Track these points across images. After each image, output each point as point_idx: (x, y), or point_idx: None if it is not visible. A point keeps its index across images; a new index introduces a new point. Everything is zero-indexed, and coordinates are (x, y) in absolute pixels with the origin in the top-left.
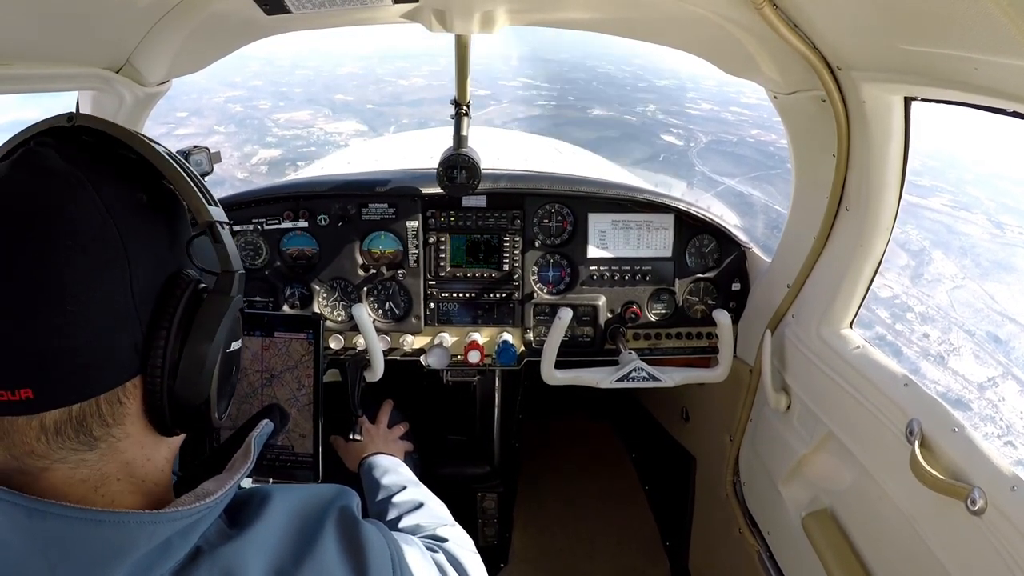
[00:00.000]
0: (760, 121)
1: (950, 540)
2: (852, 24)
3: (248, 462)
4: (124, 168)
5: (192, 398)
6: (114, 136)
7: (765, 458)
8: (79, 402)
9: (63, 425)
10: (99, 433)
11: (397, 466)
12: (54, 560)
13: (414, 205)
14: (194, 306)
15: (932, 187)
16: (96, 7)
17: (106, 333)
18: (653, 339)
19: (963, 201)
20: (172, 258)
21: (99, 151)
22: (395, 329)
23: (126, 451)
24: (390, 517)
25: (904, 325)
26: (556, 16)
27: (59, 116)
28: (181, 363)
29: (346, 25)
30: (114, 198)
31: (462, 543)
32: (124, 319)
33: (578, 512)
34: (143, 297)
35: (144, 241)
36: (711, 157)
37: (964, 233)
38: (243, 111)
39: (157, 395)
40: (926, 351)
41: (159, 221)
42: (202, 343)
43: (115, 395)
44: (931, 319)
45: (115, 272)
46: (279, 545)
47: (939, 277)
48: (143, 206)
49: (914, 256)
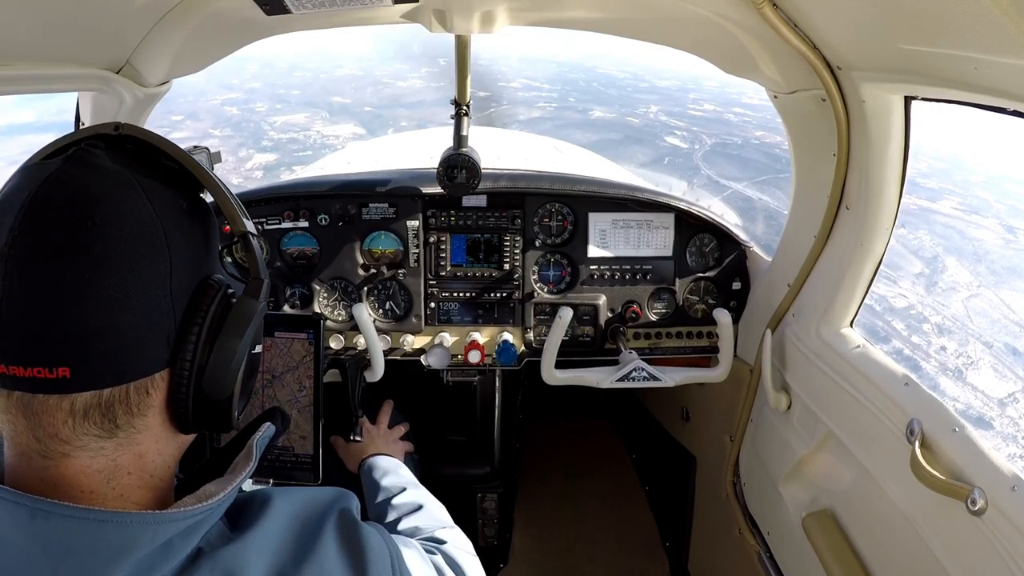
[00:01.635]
0: (764, 123)
1: (950, 540)
2: (852, 24)
3: (250, 465)
4: (167, 175)
5: (217, 394)
6: (156, 146)
7: (765, 458)
8: (112, 387)
9: (92, 409)
10: (122, 421)
11: (397, 467)
12: (56, 559)
13: (414, 205)
14: (225, 308)
15: (940, 189)
16: (96, 8)
17: (143, 322)
18: (653, 339)
19: (973, 204)
20: (206, 263)
21: (144, 158)
22: (395, 329)
23: (142, 443)
24: (389, 519)
25: (921, 337)
26: (556, 16)
27: (106, 124)
28: (210, 360)
29: (346, 25)
30: (159, 200)
31: (461, 545)
32: (161, 312)
33: (578, 512)
34: (179, 294)
35: (184, 242)
36: (716, 160)
37: (976, 239)
38: (239, 114)
39: (183, 389)
40: (944, 365)
41: (197, 226)
42: (232, 341)
43: (144, 385)
44: (948, 330)
45: (157, 266)
46: (279, 547)
47: (954, 285)
48: (184, 211)
49: (928, 263)
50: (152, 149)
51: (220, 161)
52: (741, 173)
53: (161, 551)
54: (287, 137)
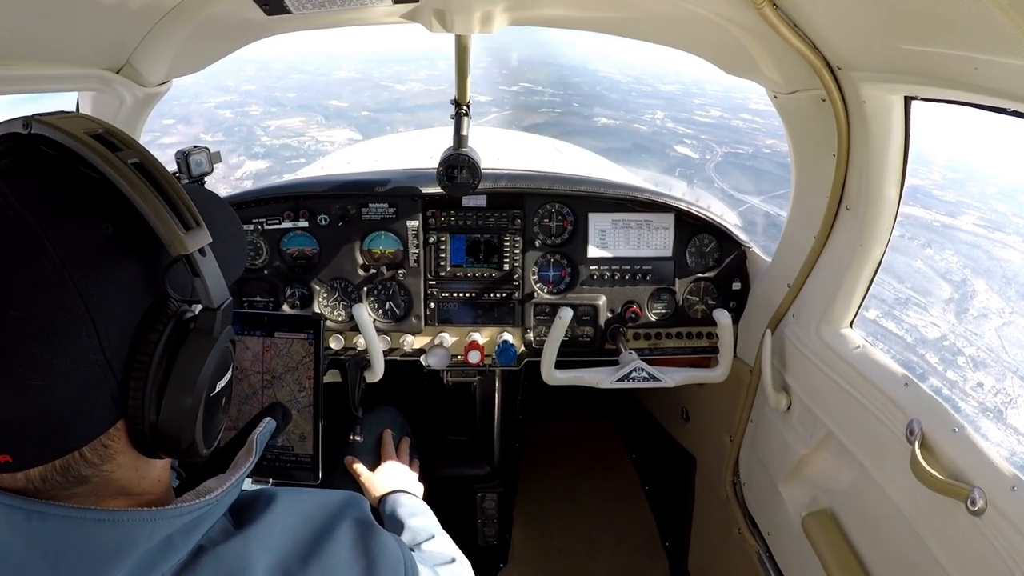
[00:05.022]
0: (773, 130)
1: (950, 540)
2: (852, 24)
3: (250, 460)
4: (87, 192)
5: (176, 440)
6: (75, 152)
7: (765, 458)
8: (58, 458)
9: (49, 475)
10: (88, 472)
11: (425, 510)
12: (55, 560)
13: (414, 205)
14: (176, 344)
15: (958, 203)
16: (96, 8)
17: (78, 395)
18: (653, 339)
19: (993, 220)
20: (148, 293)
21: (58, 171)
22: (395, 329)
23: (120, 479)
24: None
25: (956, 372)
26: (556, 16)
27: (15, 120)
28: (161, 411)
29: (346, 25)
30: (74, 244)
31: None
32: (96, 377)
33: (578, 512)
34: (115, 349)
35: (112, 287)
36: (729, 171)
37: (1004, 259)
38: (232, 117)
39: (141, 434)
40: (983, 405)
41: (129, 256)
42: (182, 394)
43: (98, 442)
44: (983, 364)
45: (80, 337)
46: (285, 544)
47: (985, 312)
48: (108, 241)
49: (956, 287)
50: (70, 153)
51: (220, 160)
52: (756, 186)
53: (161, 548)
54: (280, 143)
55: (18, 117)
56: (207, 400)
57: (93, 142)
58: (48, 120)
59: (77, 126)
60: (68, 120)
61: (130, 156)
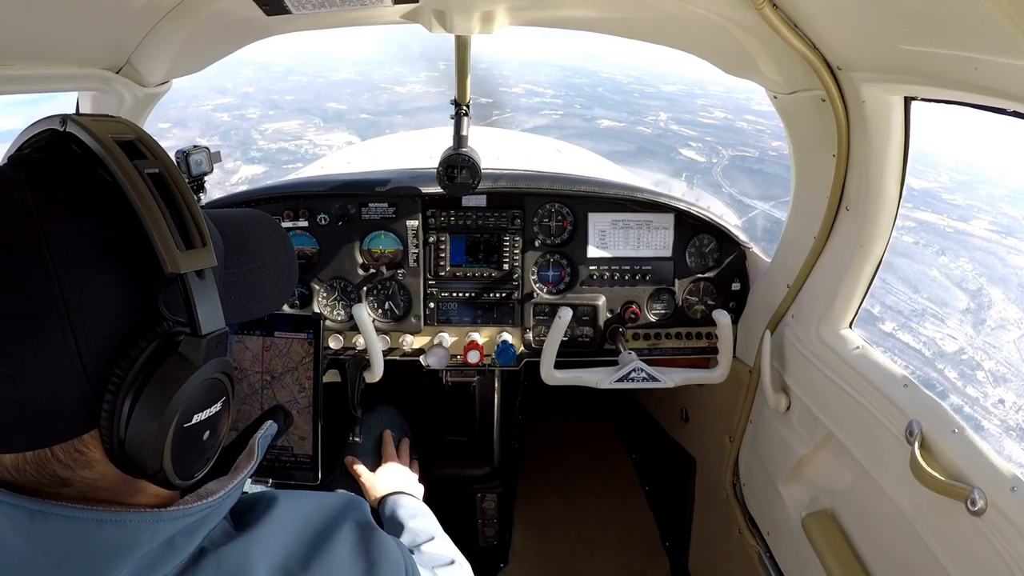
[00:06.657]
0: (778, 132)
1: (950, 541)
2: (852, 24)
3: (251, 463)
4: (99, 195)
5: (141, 464)
6: (96, 155)
7: (765, 459)
8: (28, 450)
9: (22, 466)
10: (66, 475)
11: (425, 512)
12: (57, 560)
13: (414, 204)
14: (154, 365)
15: (968, 206)
16: (96, 8)
17: (46, 393)
18: (653, 339)
19: (1004, 224)
20: (142, 308)
21: (78, 171)
22: (395, 329)
23: (108, 488)
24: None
25: (976, 388)
26: (556, 16)
27: (54, 117)
28: (128, 429)
29: (346, 25)
30: (70, 244)
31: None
32: (69, 380)
33: (578, 512)
34: (93, 356)
35: (100, 294)
36: (736, 176)
37: (1019, 267)
38: (230, 120)
39: (112, 448)
40: (1005, 423)
41: (128, 266)
42: (148, 418)
43: (71, 446)
44: (1003, 379)
45: (54, 336)
46: (287, 546)
47: (1003, 323)
48: (108, 248)
49: (972, 297)
50: (93, 157)
51: (220, 160)
52: (764, 191)
53: (163, 550)
54: (277, 147)
55: (58, 114)
56: (180, 430)
57: (114, 147)
58: (80, 120)
59: (106, 129)
60: (100, 123)
61: (149, 166)
